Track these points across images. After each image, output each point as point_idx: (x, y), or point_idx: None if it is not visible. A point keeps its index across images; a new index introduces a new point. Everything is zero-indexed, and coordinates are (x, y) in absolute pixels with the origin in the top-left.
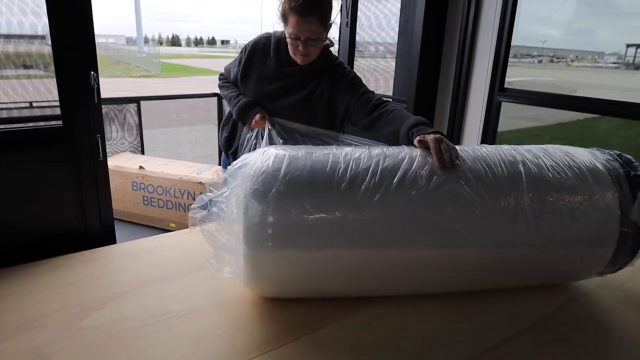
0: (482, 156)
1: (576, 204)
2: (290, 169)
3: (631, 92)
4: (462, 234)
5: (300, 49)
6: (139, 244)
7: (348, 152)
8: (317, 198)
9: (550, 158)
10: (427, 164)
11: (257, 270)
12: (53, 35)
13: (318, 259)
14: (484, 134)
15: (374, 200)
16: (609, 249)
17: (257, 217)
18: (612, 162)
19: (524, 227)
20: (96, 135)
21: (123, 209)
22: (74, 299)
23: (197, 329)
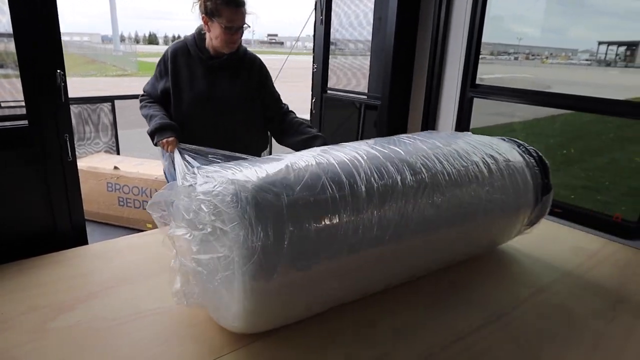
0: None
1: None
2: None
3: (603, 88)
4: (436, 220)
5: (233, 36)
6: (111, 245)
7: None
8: (305, 203)
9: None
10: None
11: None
12: (16, 33)
13: (317, 275)
14: (457, 129)
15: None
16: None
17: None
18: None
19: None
20: (64, 135)
21: (98, 210)
22: (43, 300)
23: (168, 328)
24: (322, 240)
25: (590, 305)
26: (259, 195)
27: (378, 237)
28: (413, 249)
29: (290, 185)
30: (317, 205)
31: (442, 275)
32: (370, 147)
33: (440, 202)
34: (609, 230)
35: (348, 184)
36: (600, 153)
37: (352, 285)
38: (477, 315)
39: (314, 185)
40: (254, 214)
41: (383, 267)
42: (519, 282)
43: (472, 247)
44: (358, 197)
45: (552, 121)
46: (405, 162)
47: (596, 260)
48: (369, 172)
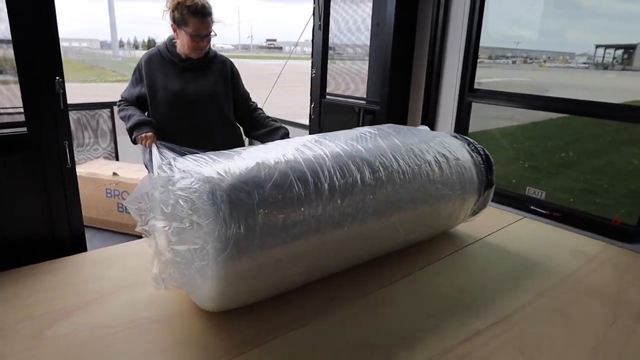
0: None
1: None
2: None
3: (600, 92)
4: (390, 211)
5: (199, 44)
6: (110, 251)
7: (281, 157)
8: (274, 201)
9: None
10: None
11: (232, 281)
12: (15, 39)
13: (284, 255)
14: (456, 133)
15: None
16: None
17: (226, 229)
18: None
19: (433, 188)
20: (64, 142)
21: (97, 216)
22: (40, 308)
23: (168, 335)
24: (289, 232)
25: (590, 309)
26: (233, 194)
27: (338, 226)
28: (368, 235)
29: (261, 183)
30: (285, 202)
31: (441, 280)
32: (335, 144)
33: (394, 197)
34: (608, 233)
35: (313, 182)
36: (598, 156)
37: (314, 268)
38: (477, 320)
39: (283, 184)
40: (227, 211)
41: (341, 252)
42: (519, 287)
43: (419, 233)
44: (321, 194)
45: (550, 124)
46: (365, 161)
47: (596, 264)
48: (332, 171)
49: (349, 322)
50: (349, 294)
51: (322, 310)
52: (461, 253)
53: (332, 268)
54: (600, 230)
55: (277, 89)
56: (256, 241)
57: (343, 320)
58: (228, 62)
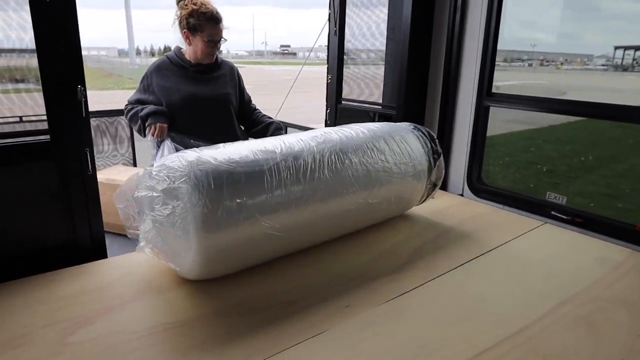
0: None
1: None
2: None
3: (620, 93)
4: (352, 185)
5: (213, 49)
6: (130, 258)
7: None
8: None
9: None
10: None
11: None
12: (39, 49)
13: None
14: (474, 138)
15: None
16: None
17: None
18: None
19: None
20: (85, 149)
21: (115, 222)
22: (63, 314)
23: (188, 341)
24: (258, 205)
25: (616, 318)
26: (212, 172)
27: (305, 201)
28: (335, 208)
29: (231, 157)
30: (254, 181)
31: (462, 288)
32: (310, 139)
33: (354, 178)
34: (633, 239)
35: (283, 166)
36: (619, 159)
37: (283, 240)
38: (499, 328)
39: (253, 166)
40: (200, 172)
41: (309, 224)
42: (542, 294)
43: (384, 207)
44: (290, 177)
45: (568, 127)
46: (334, 152)
47: (622, 272)
48: (306, 158)
49: (365, 330)
50: (365, 301)
51: (338, 318)
52: (481, 260)
53: (301, 238)
54: (625, 236)
55: (293, 94)
56: (225, 193)
57: (359, 329)
58: (234, 67)
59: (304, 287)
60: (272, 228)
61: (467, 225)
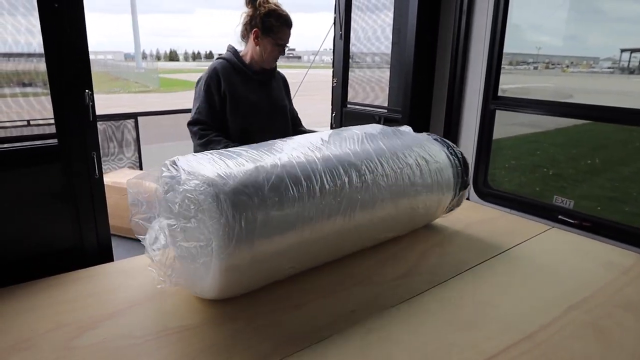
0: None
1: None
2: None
3: (627, 96)
4: (379, 200)
5: (280, 54)
6: (136, 261)
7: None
8: (272, 203)
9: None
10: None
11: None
12: (47, 54)
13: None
14: (480, 141)
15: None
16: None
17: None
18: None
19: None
20: (92, 153)
21: (121, 224)
22: (69, 318)
23: (194, 345)
24: (283, 230)
25: (625, 323)
26: (235, 197)
27: (329, 221)
28: (354, 229)
29: (259, 186)
30: (281, 203)
31: (469, 293)
32: (326, 147)
33: (378, 197)
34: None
35: (305, 185)
36: (626, 163)
37: (306, 259)
38: (506, 334)
39: (278, 186)
40: (230, 212)
41: (331, 244)
42: (550, 300)
43: (399, 228)
44: (313, 195)
45: (574, 131)
46: (353, 165)
47: (630, 276)
48: (322, 174)
49: (373, 335)
50: (371, 306)
51: (344, 323)
52: (488, 264)
53: (324, 257)
54: (633, 240)
55: (298, 97)
56: (255, 238)
57: (365, 334)
58: (285, 78)
59: (309, 292)
60: (295, 260)
61: (474, 229)
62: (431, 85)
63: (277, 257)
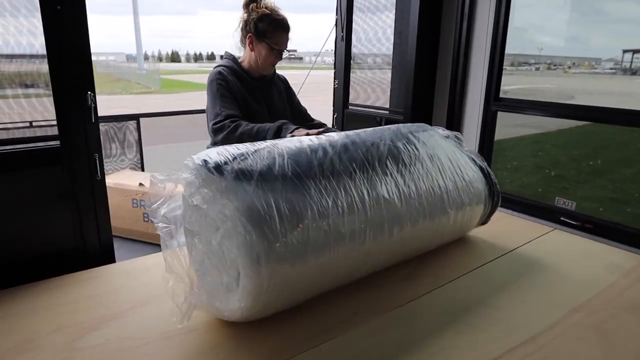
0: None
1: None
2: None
3: (630, 97)
4: (412, 215)
5: (277, 59)
6: (138, 263)
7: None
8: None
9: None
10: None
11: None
12: (50, 55)
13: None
14: (481, 143)
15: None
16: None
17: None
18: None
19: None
20: (94, 155)
21: (123, 226)
22: (71, 319)
23: (197, 347)
24: (315, 252)
25: (628, 326)
26: (265, 225)
27: (360, 240)
28: (387, 246)
29: (292, 211)
30: (313, 233)
31: (471, 295)
32: (363, 162)
33: (413, 212)
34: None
35: (337, 205)
36: (628, 164)
37: (339, 279)
38: (509, 337)
39: (302, 215)
40: (259, 236)
41: (362, 263)
42: (552, 302)
43: (436, 241)
44: (346, 212)
45: (576, 131)
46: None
47: (633, 278)
48: (361, 194)
49: (375, 337)
50: (373, 307)
51: (346, 325)
52: (490, 266)
53: (356, 277)
54: (635, 242)
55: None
56: (286, 261)
57: (367, 336)
58: (286, 80)
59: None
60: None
61: (476, 230)
62: (433, 86)
63: (306, 277)
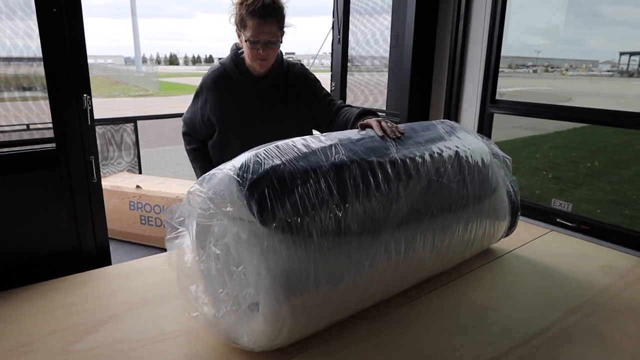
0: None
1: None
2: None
3: (627, 99)
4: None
5: (260, 52)
6: (134, 265)
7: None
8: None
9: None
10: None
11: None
12: (46, 58)
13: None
14: None
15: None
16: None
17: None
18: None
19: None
20: (90, 157)
21: (120, 229)
22: (67, 322)
23: (192, 350)
24: (338, 286)
25: (624, 328)
26: (296, 298)
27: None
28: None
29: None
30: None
31: (467, 296)
32: (397, 183)
33: (439, 235)
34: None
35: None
36: (626, 165)
37: (366, 302)
38: (505, 338)
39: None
40: (284, 308)
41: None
42: (548, 304)
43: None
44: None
45: (574, 133)
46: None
47: (629, 280)
48: (398, 251)
49: (372, 339)
50: (371, 309)
51: (343, 327)
52: (487, 268)
53: (381, 299)
54: (632, 244)
55: None
56: (308, 322)
57: (365, 337)
58: (310, 76)
59: None
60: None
61: None
62: (429, 88)
63: (328, 311)
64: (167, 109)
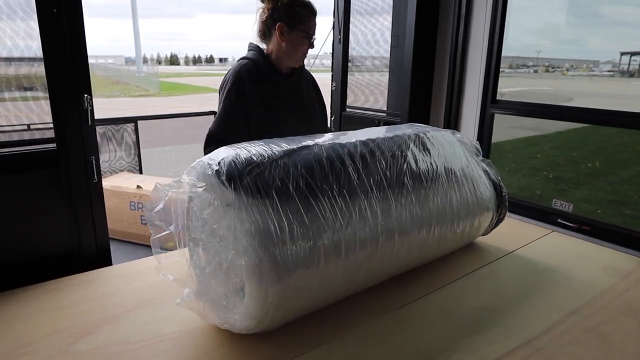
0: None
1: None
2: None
3: (627, 100)
4: (422, 237)
5: (309, 47)
6: (134, 266)
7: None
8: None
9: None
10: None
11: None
12: (46, 58)
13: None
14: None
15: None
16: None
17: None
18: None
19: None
20: (90, 157)
21: (121, 229)
22: (66, 323)
23: (192, 351)
24: (321, 266)
25: (626, 329)
26: (276, 254)
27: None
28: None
29: (301, 247)
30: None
31: (468, 297)
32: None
33: (422, 238)
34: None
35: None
36: (627, 166)
37: (346, 288)
38: (507, 339)
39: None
40: (265, 263)
41: (369, 272)
42: (550, 305)
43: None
44: (363, 244)
45: (575, 133)
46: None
47: (631, 281)
48: (375, 217)
49: (372, 340)
50: (371, 310)
51: (344, 327)
52: (488, 269)
53: (358, 290)
54: (633, 244)
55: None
56: (294, 286)
57: (366, 338)
58: (317, 85)
59: None
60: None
61: None
62: (430, 88)
63: (312, 290)
64: (167, 109)
